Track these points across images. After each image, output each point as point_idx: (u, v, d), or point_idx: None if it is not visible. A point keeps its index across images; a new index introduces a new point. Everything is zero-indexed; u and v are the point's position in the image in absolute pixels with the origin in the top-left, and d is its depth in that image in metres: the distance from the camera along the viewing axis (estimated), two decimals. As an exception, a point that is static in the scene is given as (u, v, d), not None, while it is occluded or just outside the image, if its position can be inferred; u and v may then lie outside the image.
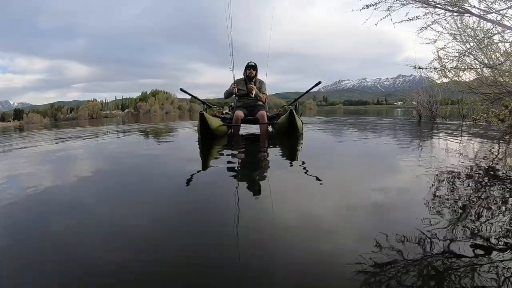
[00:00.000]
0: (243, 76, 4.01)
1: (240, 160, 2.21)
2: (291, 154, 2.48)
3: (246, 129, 4.23)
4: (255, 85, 3.88)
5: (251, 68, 3.88)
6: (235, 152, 2.58)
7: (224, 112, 4.17)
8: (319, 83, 3.82)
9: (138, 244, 0.89)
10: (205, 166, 2.02)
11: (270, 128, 4.06)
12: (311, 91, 4.11)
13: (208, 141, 3.34)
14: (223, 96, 4.30)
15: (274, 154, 2.45)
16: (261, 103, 3.93)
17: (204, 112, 3.37)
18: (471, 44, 3.30)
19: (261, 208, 1.14)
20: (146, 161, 2.31)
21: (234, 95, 3.96)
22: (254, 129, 4.09)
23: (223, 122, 3.78)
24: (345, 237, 0.89)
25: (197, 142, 3.35)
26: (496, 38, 3.09)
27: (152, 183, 1.58)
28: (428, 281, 0.66)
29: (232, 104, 4.16)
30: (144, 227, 1.01)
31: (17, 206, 1.25)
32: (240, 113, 3.74)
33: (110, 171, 1.99)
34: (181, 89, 4.01)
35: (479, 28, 3.19)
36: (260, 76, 4.05)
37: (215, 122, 3.54)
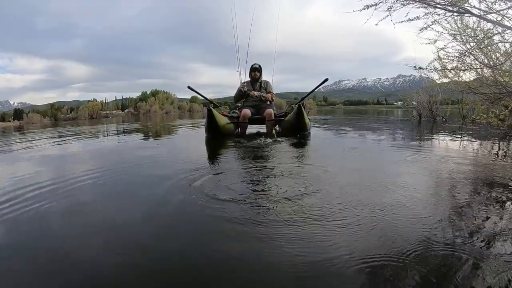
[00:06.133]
0: (249, 78, 4.08)
1: (247, 162, 2.21)
2: (299, 153, 2.46)
3: (252, 129, 4.21)
4: (260, 86, 3.97)
5: (255, 70, 3.97)
6: (242, 153, 2.55)
7: (231, 111, 4.20)
8: (326, 80, 3.80)
9: (136, 247, 0.89)
10: (210, 168, 2.00)
11: (277, 127, 4.08)
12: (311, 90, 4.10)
13: (215, 140, 3.33)
14: (233, 100, 4.35)
15: (281, 153, 2.44)
16: (268, 102, 3.99)
17: (212, 109, 3.37)
18: (471, 44, 3.29)
19: (264, 210, 1.14)
20: (147, 162, 2.31)
21: (242, 95, 4.00)
22: (261, 129, 4.09)
23: (230, 120, 3.79)
24: (345, 239, 0.89)
25: (201, 143, 3.34)
26: (496, 38, 3.09)
27: (152, 186, 1.58)
28: (432, 282, 0.66)
29: (239, 104, 4.19)
30: (143, 231, 1.01)
31: (15, 208, 1.25)
32: (247, 111, 3.78)
33: (109, 172, 1.98)
34: (189, 87, 4.04)
35: (479, 28, 3.19)
36: (266, 77, 4.11)
37: (222, 119, 3.55)
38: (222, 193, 1.31)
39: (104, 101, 34.44)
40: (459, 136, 3.48)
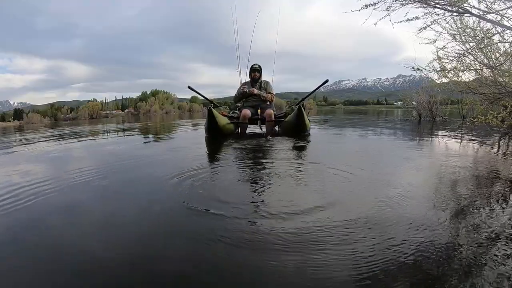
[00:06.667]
0: (249, 79, 4.10)
1: (246, 164, 2.20)
2: (299, 155, 2.45)
3: (252, 129, 4.21)
4: (260, 86, 3.99)
5: (255, 70, 3.99)
6: (242, 153, 2.53)
7: (231, 111, 4.21)
8: (326, 81, 3.80)
9: (133, 245, 0.89)
10: (209, 169, 1.99)
11: (276, 128, 4.09)
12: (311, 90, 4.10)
13: (215, 140, 3.34)
14: (233, 100, 4.37)
15: (281, 154, 2.44)
16: (268, 102, 4.00)
17: (213, 109, 3.38)
18: (471, 44, 3.29)
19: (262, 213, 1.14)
20: (145, 162, 2.31)
21: (243, 96, 4.03)
22: (260, 129, 4.09)
23: (230, 121, 3.80)
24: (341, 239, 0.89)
25: (200, 143, 3.33)
26: (496, 38, 3.09)
27: (151, 184, 1.58)
28: (429, 282, 0.66)
29: (239, 104, 4.20)
30: (140, 229, 1.01)
31: (11, 207, 1.25)
32: (247, 112, 3.79)
33: (106, 171, 1.98)
34: (189, 87, 4.05)
35: (478, 28, 3.18)
36: (266, 77, 4.13)
37: (222, 119, 3.56)
38: (219, 199, 1.27)
39: (104, 101, 34.45)
40: (459, 136, 3.48)
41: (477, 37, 3.15)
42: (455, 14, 2.91)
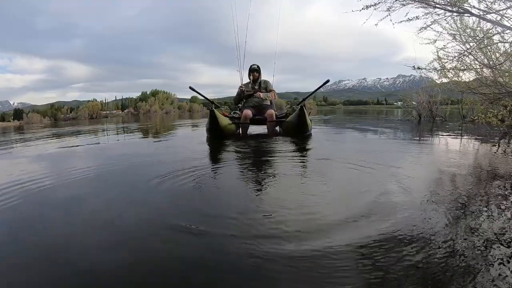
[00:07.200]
0: (248, 80, 4.14)
1: (247, 166, 2.20)
2: (302, 156, 2.45)
3: (254, 130, 4.21)
4: (260, 86, 4.01)
5: (254, 71, 4.02)
6: (243, 154, 2.52)
7: (231, 112, 4.22)
8: (327, 81, 3.79)
9: (132, 245, 0.89)
10: (208, 171, 1.97)
11: (277, 128, 4.09)
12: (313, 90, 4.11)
13: (216, 140, 3.33)
14: (232, 101, 4.39)
15: (283, 154, 2.44)
16: (269, 102, 4.02)
17: (215, 110, 3.38)
18: (471, 44, 3.29)
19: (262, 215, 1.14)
20: (143, 162, 2.31)
21: (242, 96, 4.05)
22: (262, 129, 4.10)
23: (232, 121, 3.80)
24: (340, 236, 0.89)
25: (201, 143, 3.33)
26: (496, 38, 3.09)
27: (151, 183, 1.58)
28: (428, 282, 0.66)
29: (239, 105, 4.21)
30: (139, 228, 1.01)
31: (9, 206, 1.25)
32: (248, 112, 3.80)
33: (101, 171, 1.98)
34: (190, 87, 4.05)
35: (478, 28, 3.19)
36: (267, 77, 4.17)
37: (224, 120, 3.56)
38: (217, 206, 1.22)
39: (104, 101, 34.41)
40: (459, 135, 3.47)
41: (477, 37, 3.15)
42: (455, 14, 2.92)
